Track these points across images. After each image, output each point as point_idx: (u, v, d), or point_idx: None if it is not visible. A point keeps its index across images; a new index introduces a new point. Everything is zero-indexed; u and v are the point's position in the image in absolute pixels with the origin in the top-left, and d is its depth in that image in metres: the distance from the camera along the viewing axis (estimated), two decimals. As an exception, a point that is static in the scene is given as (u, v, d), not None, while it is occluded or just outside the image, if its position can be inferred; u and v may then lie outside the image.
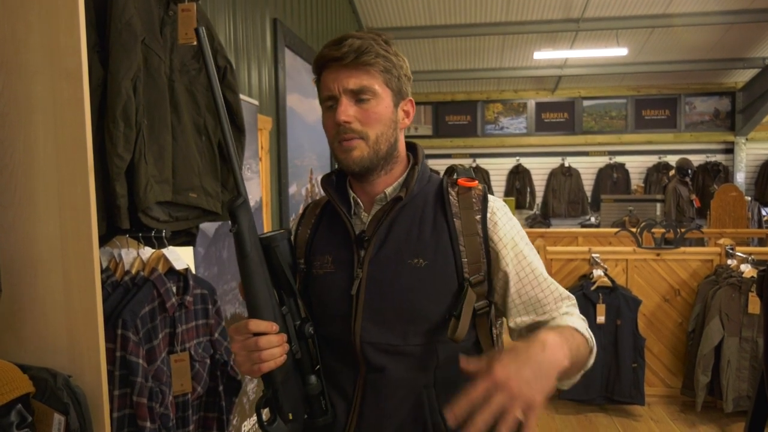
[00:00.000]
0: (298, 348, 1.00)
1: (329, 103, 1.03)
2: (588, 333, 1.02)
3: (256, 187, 2.86)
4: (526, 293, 1.06)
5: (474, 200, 1.07)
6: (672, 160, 8.02)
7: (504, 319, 1.13)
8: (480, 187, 1.10)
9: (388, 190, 1.09)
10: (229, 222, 0.96)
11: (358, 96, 1.01)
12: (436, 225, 1.05)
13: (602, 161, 8.79)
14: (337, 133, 1.03)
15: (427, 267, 1.02)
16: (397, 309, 1.02)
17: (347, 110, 1.00)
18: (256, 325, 0.94)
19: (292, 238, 1.16)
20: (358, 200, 1.10)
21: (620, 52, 6.65)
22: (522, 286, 1.06)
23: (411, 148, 1.15)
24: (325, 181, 1.13)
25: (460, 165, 1.15)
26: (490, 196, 1.10)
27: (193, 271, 1.73)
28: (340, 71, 1.01)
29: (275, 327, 0.95)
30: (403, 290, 1.02)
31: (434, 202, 1.08)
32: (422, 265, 1.02)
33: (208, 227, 2.33)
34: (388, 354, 1.02)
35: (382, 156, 1.05)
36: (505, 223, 1.07)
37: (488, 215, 1.06)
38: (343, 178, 1.14)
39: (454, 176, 1.12)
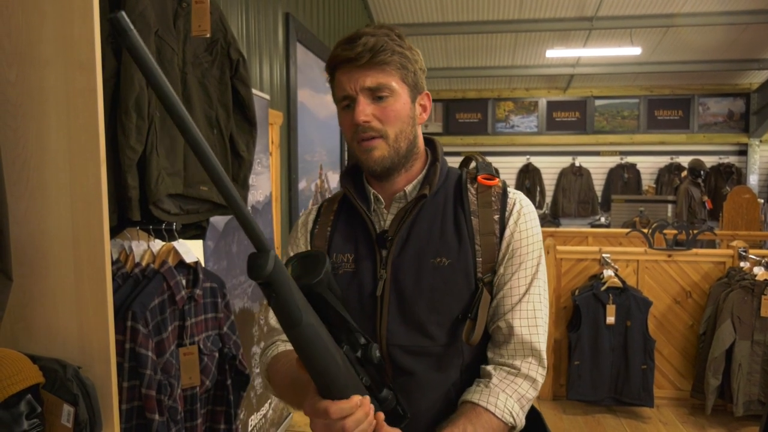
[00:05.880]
0: (368, 378, 0.87)
1: (345, 102, 1.01)
2: (511, 415, 0.95)
3: (266, 181, 2.86)
4: (503, 306, 1.01)
5: (493, 198, 1.05)
6: (684, 161, 7.94)
7: None
8: (500, 184, 1.07)
9: (408, 188, 1.06)
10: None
11: (376, 94, 0.99)
12: (457, 223, 1.03)
13: (613, 161, 8.73)
14: (355, 132, 1.00)
15: (450, 266, 1.00)
16: (423, 310, 1.00)
17: (365, 109, 0.98)
18: (340, 411, 0.79)
19: (308, 237, 1.13)
20: (379, 197, 1.08)
21: (634, 51, 6.59)
22: (504, 297, 1.02)
23: (429, 143, 1.12)
24: (345, 177, 1.11)
25: (480, 156, 1.12)
26: (516, 195, 1.07)
27: (203, 265, 1.73)
28: (355, 71, 0.98)
29: (357, 402, 0.80)
30: (427, 290, 1.00)
31: (454, 199, 1.06)
32: (445, 264, 1.00)
33: (218, 221, 2.33)
34: (415, 356, 1.01)
35: (403, 154, 1.03)
36: (524, 230, 1.03)
37: (506, 214, 1.04)
38: (360, 174, 1.12)
39: (472, 167, 1.10)
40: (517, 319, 1.00)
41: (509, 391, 0.97)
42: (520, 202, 1.06)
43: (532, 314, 1.01)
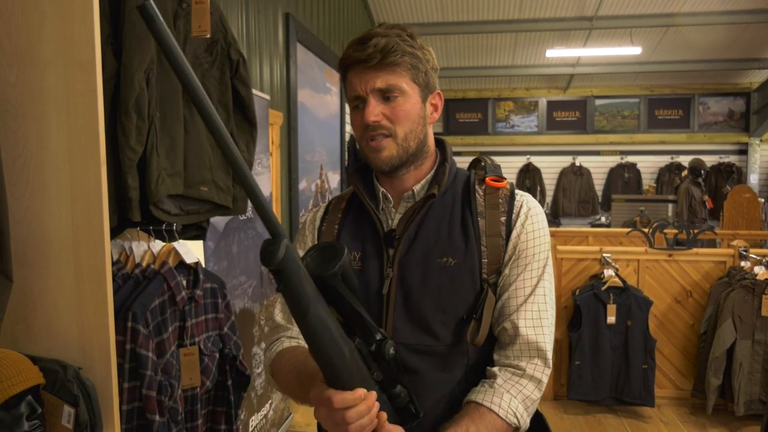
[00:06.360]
0: (380, 373, 0.88)
1: (356, 102, 1.03)
2: (515, 416, 0.95)
3: (266, 182, 2.86)
4: (508, 308, 1.02)
5: (500, 200, 1.06)
6: (685, 160, 7.94)
7: None
8: (507, 186, 1.08)
9: (417, 188, 1.07)
10: (243, 216, 0.88)
11: (386, 94, 1.00)
12: (464, 223, 1.04)
13: (613, 161, 8.72)
14: (365, 131, 1.02)
15: (456, 266, 1.01)
16: (428, 309, 1.01)
17: (375, 110, 1.00)
18: (342, 401, 0.81)
19: (316, 234, 1.14)
20: (388, 195, 1.09)
21: (634, 51, 6.59)
22: (509, 299, 1.02)
23: (439, 144, 1.13)
24: (354, 175, 1.12)
25: (488, 158, 1.13)
26: (524, 197, 1.07)
27: (203, 265, 1.73)
28: (366, 72, 1.00)
29: (361, 395, 0.81)
30: (433, 289, 1.01)
31: (462, 200, 1.07)
32: (451, 264, 1.01)
33: (219, 221, 2.33)
34: (420, 355, 1.01)
35: (412, 153, 1.04)
36: (530, 232, 1.04)
37: (513, 216, 1.04)
38: (370, 173, 1.12)
39: (482, 169, 1.10)
40: (522, 319, 1.00)
41: (514, 392, 0.97)
42: (527, 204, 1.06)
43: (537, 315, 1.01)
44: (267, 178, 2.87)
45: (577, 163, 8.69)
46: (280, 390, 1.11)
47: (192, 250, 1.58)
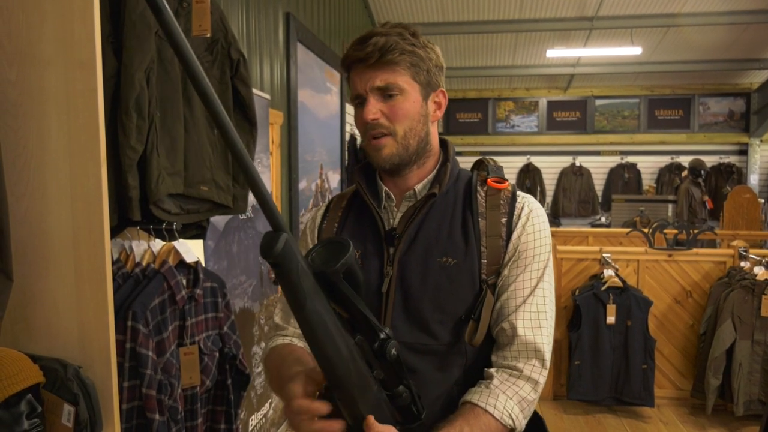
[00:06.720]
0: (381, 372, 0.86)
1: (358, 101, 1.04)
2: (510, 417, 0.95)
3: (267, 181, 2.86)
4: (507, 308, 1.02)
5: (502, 202, 1.06)
6: (685, 160, 7.94)
7: None
8: (509, 187, 1.08)
9: (418, 187, 1.08)
10: (243, 216, 0.88)
11: (385, 93, 1.01)
12: (465, 224, 1.04)
13: (614, 161, 8.72)
14: (366, 130, 1.03)
15: (456, 266, 1.01)
16: (427, 308, 1.01)
17: (374, 108, 1.01)
18: (298, 408, 0.83)
19: (317, 233, 1.15)
20: (390, 194, 1.09)
21: (634, 51, 6.59)
22: (508, 299, 1.02)
23: (442, 143, 1.14)
24: (358, 173, 1.13)
25: (491, 159, 1.14)
26: (526, 198, 1.07)
27: (203, 264, 1.73)
28: (365, 71, 1.01)
29: (317, 409, 0.82)
30: (433, 289, 1.01)
31: (463, 200, 1.07)
32: (451, 263, 1.02)
33: (219, 220, 2.33)
34: (418, 353, 1.01)
35: (413, 151, 1.05)
36: (531, 233, 1.04)
37: (514, 218, 1.05)
38: (374, 171, 1.13)
39: (484, 170, 1.11)
40: (521, 320, 1.00)
41: (510, 393, 0.97)
42: (529, 205, 1.06)
43: (535, 316, 1.01)
44: (267, 178, 2.87)
45: (577, 163, 8.70)
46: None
47: (192, 250, 1.58)
